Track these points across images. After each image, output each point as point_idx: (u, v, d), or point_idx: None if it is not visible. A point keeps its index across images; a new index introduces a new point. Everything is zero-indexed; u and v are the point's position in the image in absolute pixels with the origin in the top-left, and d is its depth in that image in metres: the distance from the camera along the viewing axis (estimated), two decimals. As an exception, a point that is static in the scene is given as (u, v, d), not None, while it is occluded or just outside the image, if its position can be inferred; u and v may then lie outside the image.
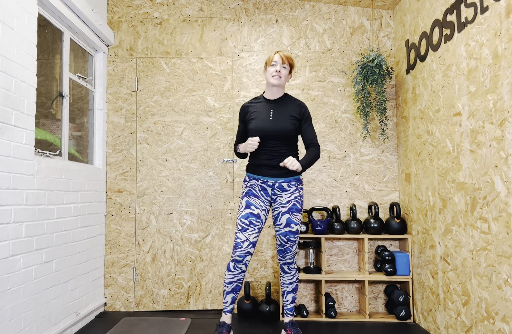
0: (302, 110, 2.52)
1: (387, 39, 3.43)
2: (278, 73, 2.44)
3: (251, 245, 2.42)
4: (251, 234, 2.42)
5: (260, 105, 2.55)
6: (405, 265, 3.06)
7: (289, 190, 2.47)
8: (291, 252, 2.51)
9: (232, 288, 2.47)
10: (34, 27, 2.38)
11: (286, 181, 2.47)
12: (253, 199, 2.47)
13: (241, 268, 2.43)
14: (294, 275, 2.57)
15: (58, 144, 2.80)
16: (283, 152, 2.47)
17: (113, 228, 3.36)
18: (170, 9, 3.51)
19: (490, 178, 2.01)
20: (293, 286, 2.58)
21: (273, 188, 2.49)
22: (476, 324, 2.15)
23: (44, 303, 2.44)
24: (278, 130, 2.44)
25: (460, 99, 2.30)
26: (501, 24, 1.91)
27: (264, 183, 2.49)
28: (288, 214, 2.45)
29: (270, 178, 2.48)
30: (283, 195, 2.48)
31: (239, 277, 2.46)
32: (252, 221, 2.43)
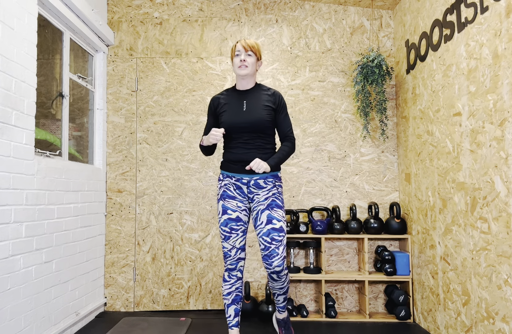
0: (278, 99, 2.30)
1: (387, 39, 3.43)
2: (243, 63, 2.24)
3: (240, 251, 2.28)
4: (235, 240, 2.26)
5: (232, 96, 2.34)
6: (405, 265, 3.06)
7: (266, 187, 2.25)
8: (278, 256, 2.14)
9: (232, 299, 2.27)
10: (34, 27, 2.38)
11: (262, 177, 2.25)
12: (228, 202, 2.28)
13: (236, 275, 2.29)
14: (285, 281, 2.28)
15: (58, 144, 2.80)
16: (258, 145, 2.26)
17: (113, 228, 3.36)
18: (170, 9, 3.51)
19: (490, 178, 2.01)
20: (284, 290, 2.34)
21: (248, 186, 2.26)
22: (476, 324, 2.15)
23: (44, 303, 2.44)
24: (253, 121, 2.23)
25: (460, 99, 2.30)
26: (501, 24, 1.91)
27: (238, 181, 2.27)
28: (268, 210, 2.20)
29: (245, 175, 2.25)
30: (260, 192, 2.25)
31: (237, 286, 2.29)
32: (233, 227, 2.26)
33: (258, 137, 2.27)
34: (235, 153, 2.28)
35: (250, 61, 2.26)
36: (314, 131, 3.40)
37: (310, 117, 3.41)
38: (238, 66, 2.26)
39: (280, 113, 2.32)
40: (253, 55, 2.28)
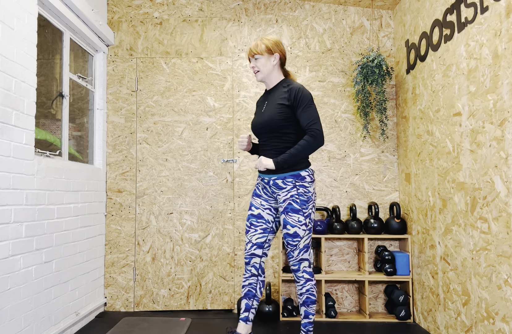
0: (292, 95, 2.21)
1: (387, 39, 3.43)
2: (254, 69, 2.31)
3: (254, 247, 2.29)
4: (252, 235, 2.30)
5: (263, 96, 2.43)
6: (405, 265, 3.06)
7: (285, 187, 2.22)
8: (292, 258, 2.24)
9: (245, 293, 2.30)
10: (34, 27, 2.38)
11: (280, 177, 2.23)
12: (254, 200, 2.36)
13: (251, 271, 2.29)
14: (303, 286, 2.25)
15: (58, 144, 2.80)
16: (274, 145, 2.26)
17: (113, 228, 3.36)
18: (170, 9, 3.51)
19: (490, 178, 2.01)
20: (304, 298, 2.26)
21: (270, 186, 2.28)
22: (476, 324, 2.15)
23: (44, 303, 2.44)
24: (264, 122, 2.26)
25: (460, 99, 2.30)
26: (501, 24, 1.91)
27: (263, 180, 2.31)
28: (283, 214, 2.22)
29: (265, 175, 2.29)
30: (280, 193, 2.24)
31: (250, 281, 2.30)
32: (252, 222, 2.31)
33: (273, 137, 2.26)
34: (259, 154, 2.37)
35: (260, 63, 2.28)
36: (314, 131, 3.39)
37: (310, 117, 3.40)
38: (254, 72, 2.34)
39: (298, 108, 2.21)
40: (261, 57, 2.27)
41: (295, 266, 2.25)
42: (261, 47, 2.27)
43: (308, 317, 2.27)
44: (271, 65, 2.29)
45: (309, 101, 2.21)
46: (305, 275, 2.25)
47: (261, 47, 2.27)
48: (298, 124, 2.25)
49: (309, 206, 2.21)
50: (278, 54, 2.29)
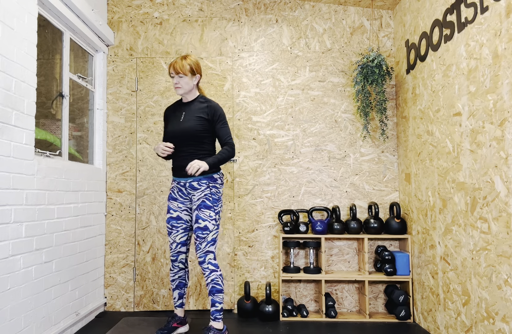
0: (212, 111, 2.56)
1: (387, 39, 3.43)
2: (176, 85, 2.58)
3: (180, 245, 2.64)
4: (176, 236, 2.63)
5: (177, 108, 2.69)
6: (405, 265, 3.06)
7: (200, 188, 2.53)
8: (200, 250, 2.49)
9: (176, 285, 2.68)
10: (34, 27, 2.38)
11: (196, 180, 2.54)
12: (171, 203, 2.64)
13: (178, 266, 2.65)
14: (208, 276, 2.49)
15: (58, 144, 2.80)
16: (191, 152, 2.56)
17: (113, 228, 3.36)
18: (170, 9, 3.51)
19: (490, 178, 2.01)
20: (210, 287, 2.50)
21: (185, 187, 2.57)
22: (476, 324, 2.15)
23: (44, 303, 2.44)
24: (184, 130, 2.53)
25: (460, 99, 2.30)
26: (501, 24, 1.91)
27: (178, 183, 2.60)
28: (196, 210, 2.51)
29: (182, 178, 2.58)
30: (195, 193, 2.54)
31: (180, 274, 2.68)
32: (173, 224, 2.62)
33: (190, 145, 2.56)
34: (174, 160, 2.61)
35: (183, 82, 2.58)
36: (314, 131, 3.40)
37: (310, 117, 3.41)
38: (174, 87, 2.60)
39: (217, 123, 2.57)
40: (185, 76, 2.56)
41: (202, 258, 2.50)
42: (186, 67, 2.55)
43: (215, 305, 2.51)
44: (192, 83, 2.61)
45: (225, 118, 2.61)
46: (210, 266, 2.50)
47: (186, 67, 2.55)
48: (213, 136, 2.62)
49: (219, 204, 2.56)
50: (199, 75, 2.63)
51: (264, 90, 3.43)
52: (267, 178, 3.37)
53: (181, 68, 2.54)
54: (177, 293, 2.69)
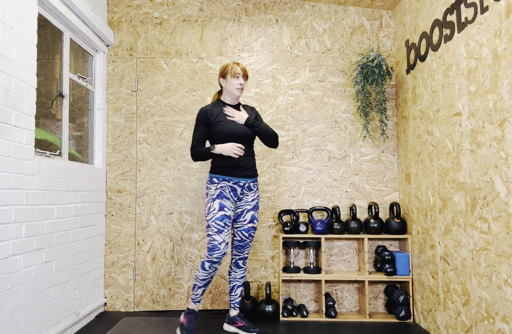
0: (255, 113, 2.81)
1: (387, 39, 3.43)
2: (242, 86, 2.68)
3: (227, 246, 2.62)
4: (226, 235, 2.57)
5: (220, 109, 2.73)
6: (405, 265, 3.06)
7: (253, 189, 2.73)
8: (249, 247, 2.76)
9: (205, 284, 2.67)
10: (34, 27, 2.38)
11: (253, 181, 2.72)
12: (225, 201, 2.62)
13: (216, 267, 2.61)
14: (245, 269, 2.81)
15: (58, 144, 2.80)
16: (250, 153, 2.72)
17: (113, 228, 3.36)
18: (170, 9, 3.51)
19: (490, 178, 2.01)
20: (243, 280, 2.81)
21: (243, 188, 2.68)
22: (476, 324, 2.15)
23: (44, 303, 2.44)
24: (246, 132, 2.66)
25: (460, 99, 2.30)
26: (501, 24, 1.91)
27: (235, 184, 2.65)
28: (252, 211, 2.71)
29: (242, 178, 2.66)
30: (249, 194, 2.71)
31: (212, 274, 2.67)
32: (227, 223, 2.59)
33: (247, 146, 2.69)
34: (234, 160, 2.64)
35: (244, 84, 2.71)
36: (314, 131, 3.40)
37: (310, 117, 3.41)
38: (236, 88, 2.67)
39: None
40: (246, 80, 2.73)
41: (247, 254, 2.78)
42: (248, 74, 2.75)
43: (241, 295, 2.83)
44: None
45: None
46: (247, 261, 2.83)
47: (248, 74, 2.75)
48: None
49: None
50: None
51: (264, 90, 3.43)
52: (267, 178, 3.37)
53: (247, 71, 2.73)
54: (201, 290, 2.70)
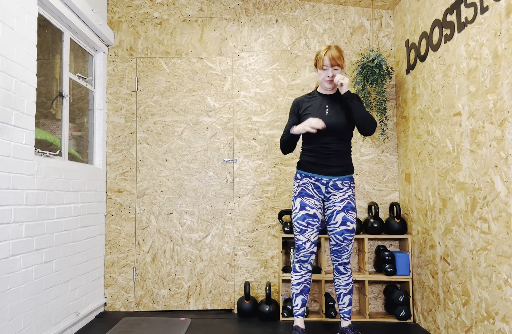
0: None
1: (387, 39, 3.43)
2: (331, 78, 2.43)
3: (313, 245, 2.48)
4: (310, 234, 2.46)
5: (315, 100, 2.52)
6: (405, 265, 3.06)
7: (342, 188, 2.46)
8: (347, 252, 2.48)
9: (301, 290, 2.47)
10: (34, 27, 2.38)
11: (340, 179, 2.45)
12: (307, 199, 2.47)
13: (307, 267, 2.49)
14: (350, 276, 2.53)
15: (58, 144, 2.80)
16: (337, 150, 2.45)
17: (113, 228, 3.36)
18: (170, 9, 3.51)
19: (490, 178, 2.01)
20: (350, 287, 2.53)
21: (327, 186, 2.47)
22: (476, 324, 2.15)
23: (44, 303, 2.44)
24: (334, 125, 2.40)
25: (460, 99, 2.30)
26: (501, 24, 1.91)
27: (318, 181, 2.47)
28: (343, 212, 2.44)
29: (325, 176, 2.45)
30: (337, 193, 2.46)
31: (306, 277, 2.49)
32: (310, 222, 2.45)
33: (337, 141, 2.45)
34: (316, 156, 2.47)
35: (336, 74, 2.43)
36: (314, 131, 3.39)
37: (310, 117, 3.40)
38: (325, 80, 2.45)
39: None
40: (339, 68, 2.43)
41: (348, 259, 2.51)
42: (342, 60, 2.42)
43: (350, 304, 2.55)
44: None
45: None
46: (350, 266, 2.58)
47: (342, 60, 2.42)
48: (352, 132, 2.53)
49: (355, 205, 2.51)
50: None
51: (264, 90, 3.43)
52: (267, 178, 3.37)
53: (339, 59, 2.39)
54: (300, 300, 2.47)
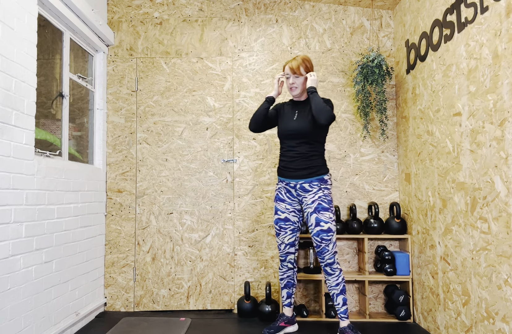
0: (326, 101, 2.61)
1: (387, 39, 3.43)
2: (292, 85, 2.58)
3: (288, 246, 2.65)
4: (284, 237, 2.64)
5: (289, 107, 2.69)
6: (405, 265, 3.06)
7: (311, 190, 2.53)
8: (328, 252, 2.53)
9: (285, 284, 2.73)
10: (34, 27, 2.38)
11: (307, 182, 2.53)
12: (278, 204, 2.64)
13: (287, 266, 2.69)
14: (339, 276, 2.57)
15: (58, 144, 2.80)
16: (302, 153, 2.54)
17: (113, 228, 3.36)
18: (170, 9, 3.51)
19: (490, 178, 2.01)
20: (341, 287, 2.56)
21: (296, 189, 2.57)
22: (476, 324, 2.15)
23: (44, 303, 2.44)
24: (298, 128, 2.53)
25: (460, 99, 2.30)
26: (501, 24, 1.91)
27: (287, 185, 2.60)
28: (315, 213, 2.50)
29: (292, 179, 2.57)
30: (307, 196, 2.54)
31: (288, 274, 2.71)
32: (281, 226, 2.63)
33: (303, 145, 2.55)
34: (284, 160, 2.60)
35: (298, 82, 2.58)
36: (314, 131, 3.39)
37: (310, 117, 3.40)
38: (289, 88, 2.61)
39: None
40: (301, 76, 2.57)
41: (331, 259, 2.55)
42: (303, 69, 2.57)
43: (346, 303, 2.58)
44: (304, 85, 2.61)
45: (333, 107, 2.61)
46: (339, 266, 2.57)
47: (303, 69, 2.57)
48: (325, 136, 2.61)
49: (333, 205, 2.56)
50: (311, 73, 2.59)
51: (264, 90, 3.43)
52: (267, 178, 3.37)
53: (299, 68, 2.55)
54: (285, 292, 2.73)
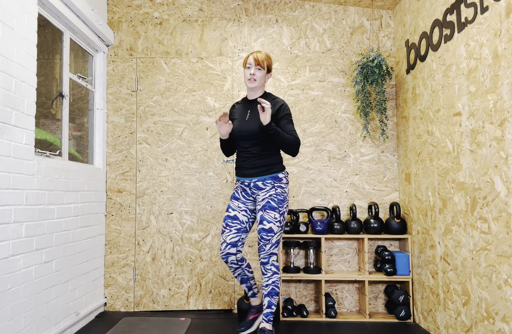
0: (278, 107, 2.45)
1: (387, 39, 3.43)
2: (252, 76, 2.44)
3: (229, 246, 2.51)
4: (227, 235, 2.53)
5: (241, 106, 2.61)
6: (405, 265, 3.06)
7: (264, 188, 2.46)
8: (264, 251, 2.44)
9: (240, 280, 2.65)
10: (34, 27, 2.38)
11: (261, 180, 2.46)
12: (232, 202, 2.57)
13: (232, 266, 2.55)
14: (270, 278, 2.45)
15: (58, 144, 2.80)
16: (255, 153, 2.47)
17: (113, 228, 3.36)
18: (170, 9, 3.51)
19: (490, 178, 2.01)
20: (269, 289, 2.45)
21: (250, 187, 2.51)
22: (476, 324, 2.15)
23: (44, 303, 2.44)
24: (249, 130, 2.44)
25: (460, 99, 2.30)
26: (501, 24, 1.91)
27: (242, 183, 2.54)
28: (261, 211, 2.43)
29: (246, 178, 2.50)
30: (260, 193, 2.48)
31: (239, 272, 2.59)
32: (228, 223, 2.53)
33: (256, 145, 2.47)
34: (238, 160, 2.54)
35: (259, 75, 2.46)
36: (314, 131, 3.40)
37: (310, 117, 3.41)
38: (247, 78, 2.46)
39: (281, 120, 2.45)
40: (263, 69, 2.46)
41: (265, 259, 2.46)
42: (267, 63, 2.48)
43: (271, 307, 2.46)
44: (264, 80, 2.51)
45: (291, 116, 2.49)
46: (273, 268, 2.46)
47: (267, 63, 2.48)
48: None
49: (284, 205, 2.46)
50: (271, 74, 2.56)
51: (264, 90, 3.43)
52: (267, 178, 3.37)
53: (264, 61, 2.45)
54: (244, 286, 2.70)
